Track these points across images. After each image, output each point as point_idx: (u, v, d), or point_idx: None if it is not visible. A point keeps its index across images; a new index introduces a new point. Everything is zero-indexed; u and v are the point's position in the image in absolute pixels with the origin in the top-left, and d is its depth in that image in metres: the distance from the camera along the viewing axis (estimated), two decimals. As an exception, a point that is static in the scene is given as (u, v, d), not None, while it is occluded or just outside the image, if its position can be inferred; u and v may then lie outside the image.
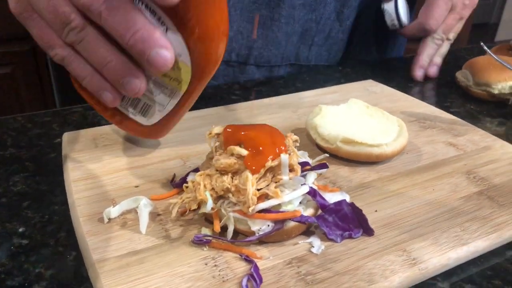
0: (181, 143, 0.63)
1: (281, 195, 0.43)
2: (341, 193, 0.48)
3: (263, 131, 0.46)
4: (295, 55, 0.96)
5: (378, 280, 0.41)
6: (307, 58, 0.98)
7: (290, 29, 0.91)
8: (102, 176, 0.55)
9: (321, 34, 0.96)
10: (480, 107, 0.83)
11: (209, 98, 0.83)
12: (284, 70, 0.97)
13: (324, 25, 0.95)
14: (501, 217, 0.50)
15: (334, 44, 0.99)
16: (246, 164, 0.43)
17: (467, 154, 0.63)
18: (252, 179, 0.43)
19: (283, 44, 0.92)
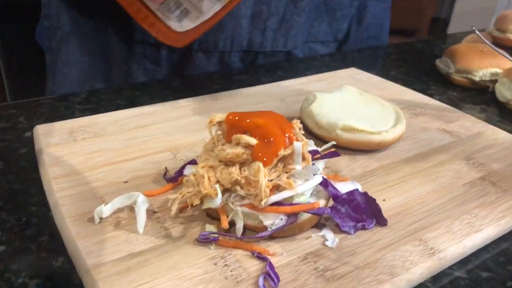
0: (168, 134, 0.59)
1: (295, 186, 0.40)
2: (352, 182, 0.46)
3: (270, 118, 0.43)
4: (248, 41, 0.90)
5: (399, 272, 0.39)
6: (261, 44, 0.91)
7: (236, 11, 0.84)
8: (86, 172, 0.50)
9: (274, 17, 0.89)
10: (462, 94, 0.83)
11: (191, 88, 0.78)
12: (236, 56, 0.91)
13: (277, 7, 0.88)
14: (507, 203, 0.49)
15: (291, 28, 0.92)
16: (256, 154, 0.40)
17: (462, 140, 0.62)
18: (264, 170, 0.39)
19: (230, 28, 0.86)
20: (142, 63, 0.90)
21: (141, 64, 0.90)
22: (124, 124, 0.60)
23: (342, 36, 1.02)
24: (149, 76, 0.91)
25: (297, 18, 0.91)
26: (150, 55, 0.89)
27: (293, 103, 0.70)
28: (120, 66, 0.91)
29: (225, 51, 0.89)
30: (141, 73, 0.90)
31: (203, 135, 0.59)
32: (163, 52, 0.89)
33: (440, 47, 1.10)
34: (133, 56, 0.89)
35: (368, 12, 1.02)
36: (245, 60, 0.93)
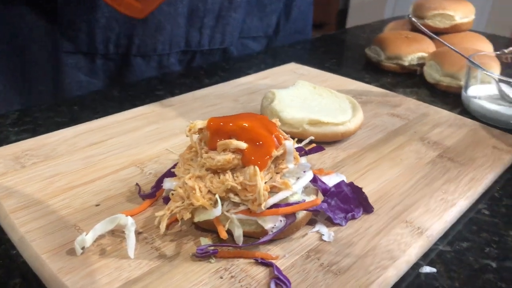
0: (127, 148, 0.55)
1: (291, 186, 0.39)
2: (337, 175, 0.46)
3: (254, 120, 0.41)
4: (185, 40, 0.88)
5: (398, 255, 0.40)
6: (199, 43, 0.90)
7: (173, 10, 0.83)
8: (48, 200, 0.45)
9: (211, 14, 0.88)
10: (394, 80, 0.88)
11: (134, 97, 0.74)
12: (174, 58, 0.89)
13: (213, 3, 0.87)
14: (468, 175, 0.53)
15: (227, 24, 0.92)
16: (249, 157, 0.39)
17: (411, 122, 0.66)
18: (260, 173, 0.38)
19: (168, 29, 0.84)
20: (74, 76, 0.83)
21: (73, 77, 0.83)
22: (75, 143, 0.55)
23: (271, 31, 1.04)
24: (84, 89, 0.84)
25: (233, 14, 0.90)
26: (84, 66, 0.83)
27: (247, 102, 0.69)
28: (46, 82, 0.83)
29: (163, 54, 0.86)
30: (75, 86, 0.84)
31: (165, 145, 0.56)
32: (98, 61, 0.83)
33: (362, 37, 1.16)
34: (63, 69, 0.82)
35: (295, 6, 1.04)
36: (183, 61, 0.90)
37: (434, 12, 0.92)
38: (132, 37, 0.82)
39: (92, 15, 0.78)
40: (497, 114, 0.69)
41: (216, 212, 0.38)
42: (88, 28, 0.79)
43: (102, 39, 0.81)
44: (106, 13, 0.78)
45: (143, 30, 0.82)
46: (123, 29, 0.81)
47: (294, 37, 1.09)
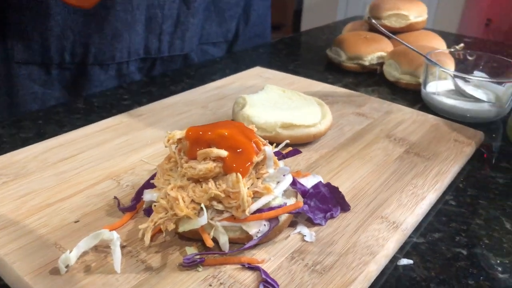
0: (100, 161, 0.54)
1: (273, 190, 0.40)
2: (314, 176, 0.48)
3: (232, 127, 0.42)
4: (144, 47, 0.87)
5: (377, 250, 0.42)
6: (158, 50, 0.89)
7: (131, 17, 0.81)
8: (24, 220, 0.44)
9: (169, 20, 0.87)
10: (355, 79, 0.91)
11: (100, 108, 0.73)
12: (134, 66, 0.88)
13: (170, 9, 0.86)
14: (434, 169, 0.56)
15: (186, 30, 0.91)
16: (230, 165, 0.39)
17: (377, 120, 0.68)
18: (243, 180, 0.39)
19: (126, 36, 0.83)
20: (28, 87, 0.81)
21: (27, 89, 0.81)
22: (46, 159, 0.54)
23: (231, 36, 1.04)
24: (40, 101, 0.82)
25: (191, 19, 0.90)
26: (38, 76, 0.80)
27: (217, 108, 0.69)
28: None
29: (122, 62, 0.84)
30: (29, 98, 0.81)
31: (139, 156, 0.56)
32: (54, 72, 0.81)
33: (321, 38, 1.19)
34: (16, 81, 0.80)
35: (253, 10, 1.05)
36: (143, 69, 0.89)
37: (390, 12, 0.96)
38: (88, 46, 0.80)
39: (45, 24, 0.75)
40: (454, 108, 0.72)
41: (202, 221, 0.38)
42: (41, 38, 0.76)
43: (57, 49, 0.78)
44: (60, 22, 0.76)
45: (99, 38, 0.80)
46: (78, 37, 0.79)
47: (254, 41, 1.10)
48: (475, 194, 0.55)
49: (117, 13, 0.79)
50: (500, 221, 0.50)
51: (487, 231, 0.49)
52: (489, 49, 1.14)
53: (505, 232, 0.49)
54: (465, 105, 0.72)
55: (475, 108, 0.72)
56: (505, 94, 0.71)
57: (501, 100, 0.72)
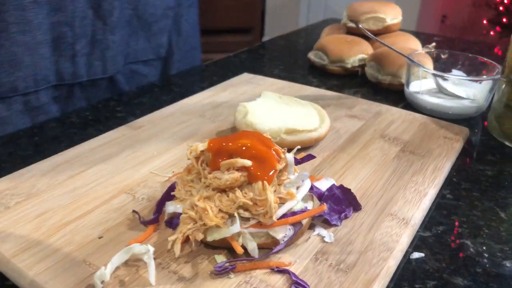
0: (111, 176, 0.55)
1: (296, 196, 0.42)
2: (326, 179, 0.50)
3: (252, 137, 0.44)
4: (55, 72, 0.75)
5: (393, 246, 0.45)
6: (74, 74, 0.78)
7: (31, 39, 0.69)
8: (47, 240, 0.44)
9: (83, 39, 0.76)
10: (339, 81, 0.94)
11: (95, 122, 0.72)
12: (46, 96, 0.75)
13: (82, 26, 0.75)
14: (431, 165, 0.59)
15: (106, 49, 0.80)
16: (255, 174, 0.41)
17: (369, 121, 0.71)
18: (269, 187, 0.40)
19: (27, 61, 0.70)
20: None
21: None
22: (54, 176, 0.54)
23: (164, 52, 0.95)
24: None
25: (110, 36, 0.80)
26: None
27: (214, 116, 0.71)
28: None
29: (29, 92, 0.73)
30: None
31: (148, 168, 0.57)
32: None
33: (299, 42, 1.22)
34: None
35: (185, 20, 0.96)
36: (59, 98, 0.78)
37: (367, 15, 0.99)
38: None
39: None
40: (438, 106, 0.77)
41: (234, 229, 0.40)
42: None
43: None
44: None
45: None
46: None
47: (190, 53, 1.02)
48: (469, 187, 0.59)
49: (12, 36, 0.68)
50: (495, 211, 0.54)
51: (485, 221, 0.53)
52: (459, 47, 1.20)
53: (501, 221, 0.53)
54: (447, 102, 0.77)
55: (456, 105, 0.76)
56: (483, 91, 0.76)
57: (479, 96, 0.77)
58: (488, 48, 1.21)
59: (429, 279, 0.44)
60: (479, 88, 0.77)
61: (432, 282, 0.44)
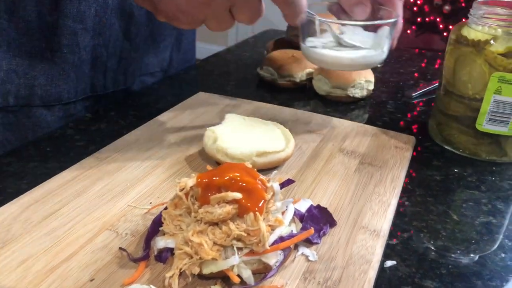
0: (88, 212, 0.54)
1: (284, 221, 0.45)
2: (304, 200, 0.53)
3: (237, 170, 0.46)
4: (91, 86, 0.88)
5: (370, 257, 0.49)
6: (104, 87, 0.90)
7: (77, 58, 0.82)
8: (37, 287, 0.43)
9: (113, 58, 0.89)
10: (289, 95, 0.98)
11: (54, 153, 0.70)
12: (81, 105, 0.87)
13: (114, 47, 0.89)
14: (388, 176, 0.65)
15: (129, 65, 0.94)
16: (245, 206, 0.43)
17: (326, 136, 0.76)
18: (261, 217, 0.43)
19: (72, 76, 0.83)
20: None
21: None
22: (28, 219, 0.52)
23: (166, 64, 1.07)
24: None
25: (133, 54, 0.92)
26: None
27: (180, 141, 0.72)
28: None
29: (70, 102, 0.84)
30: None
31: (125, 201, 0.57)
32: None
33: (245, 55, 1.25)
34: None
35: (185, 38, 1.09)
36: (88, 106, 0.88)
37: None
38: (33, 88, 0.78)
39: None
40: (336, 59, 0.73)
41: (233, 261, 0.42)
42: None
43: (1, 93, 0.76)
44: (4, 66, 0.74)
45: (45, 80, 0.79)
46: (23, 80, 0.77)
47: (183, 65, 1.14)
48: (423, 193, 0.65)
49: (64, 55, 0.79)
50: (448, 214, 0.61)
51: (441, 224, 0.59)
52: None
53: (455, 223, 0.59)
54: (347, 54, 0.73)
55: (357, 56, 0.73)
56: (381, 38, 0.73)
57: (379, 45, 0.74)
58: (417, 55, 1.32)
59: (403, 284, 0.49)
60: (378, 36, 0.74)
61: (407, 288, 0.48)
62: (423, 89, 1.00)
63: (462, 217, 0.60)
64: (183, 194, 0.45)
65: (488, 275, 0.51)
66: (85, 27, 0.81)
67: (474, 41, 0.69)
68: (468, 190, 0.66)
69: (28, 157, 0.69)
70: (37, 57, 0.77)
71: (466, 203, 0.63)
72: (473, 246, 0.55)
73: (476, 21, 0.70)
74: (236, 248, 0.44)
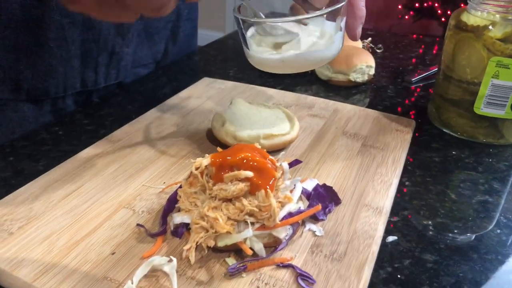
0: (105, 191, 0.57)
1: (293, 199, 0.48)
2: (311, 180, 0.56)
3: (248, 150, 0.48)
4: (81, 81, 0.86)
5: (373, 233, 0.52)
6: (95, 82, 0.89)
7: (65, 53, 0.80)
8: (62, 260, 0.46)
9: (104, 52, 0.87)
10: (292, 80, 1.00)
11: (67, 137, 0.73)
12: (70, 100, 0.86)
13: (105, 42, 0.86)
14: (390, 157, 0.68)
15: (121, 60, 0.92)
16: (257, 183, 0.46)
17: (329, 119, 0.78)
18: (271, 194, 0.46)
19: (61, 71, 0.81)
20: None
21: None
22: (48, 198, 0.55)
23: (160, 56, 1.06)
24: None
25: (126, 49, 0.91)
26: None
27: (188, 124, 0.74)
28: None
29: (58, 97, 0.83)
30: None
31: (139, 181, 0.60)
32: None
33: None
34: None
35: (181, 32, 1.08)
36: (79, 101, 0.88)
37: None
38: (19, 82, 0.77)
39: None
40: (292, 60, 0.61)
41: (247, 234, 0.45)
42: None
43: None
44: None
45: (32, 74, 0.78)
46: (7, 74, 0.76)
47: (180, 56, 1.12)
48: (422, 174, 0.68)
49: (50, 49, 0.78)
50: (447, 193, 0.64)
51: (440, 203, 0.62)
52: (390, 41, 1.31)
53: (452, 201, 0.62)
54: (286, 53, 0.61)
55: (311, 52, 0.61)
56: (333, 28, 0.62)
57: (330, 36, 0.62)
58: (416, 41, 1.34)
59: (404, 258, 0.52)
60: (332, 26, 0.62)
61: (408, 260, 0.51)
62: (422, 74, 1.03)
63: (460, 196, 0.63)
64: (198, 173, 0.48)
65: (484, 249, 0.54)
66: (72, 21, 0.78)
67: (473, 27, 0.71)
68: (465, 171, 0.69)
69: (42, 141, 0.72)
70: (22, 51, 0.76)
71: (464, 183, 0.66)
72: (470, 223, 0.58)
73: (475, 7, 0.72)
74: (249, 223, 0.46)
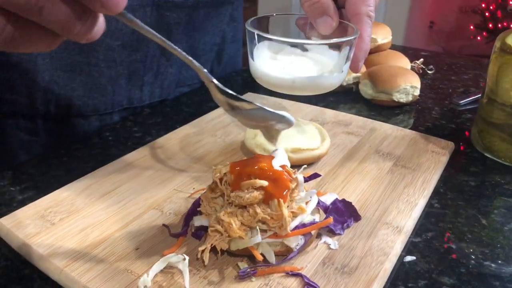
0: (140, 193, 0.62)
1: (306, 210, 0.50)
2: (330, 194, 0.57)
3: (266, 160, 0.51)
4: (127, 98, 0.91)
5: (388, 250, 0.52)
6: (140, 99, 0.95)
7: (114, 72, 0.86)
8: (92, 251, 0.51)
9: (150, 72, 0.93)
10: (335, 98, 1.02)
11: (114, 142, 0.79)
12: (117, 116, 0.92)
13: (151, 63, 0.92)
14: (420, 178, 0.67)
15: (165, 79, 0.98)
16: (271, 192, 0.48)
17: (364, 138, 0.79)
18: (284, 204, 0.48)
19: (109, 89, 0.87)
20: (15, 135, 0.84)
21: (14, 137, 0.85)
22: (89, 195, 0.61)
23: None
24: (25, 146, 0.86)
25: (170, 69, 0.97)
26: (24, 126, 0.84)
27: (225, 135, 0.78)
28: None
29: (105, 113, 0.90)
30: (16, 146, 0.85)
31: (172, 186, 0.64)
32: (39, 121, 0.85)
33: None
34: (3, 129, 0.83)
35: (226, 54, 1.12)
36: (125, 117, 0.94)
37: (360, 36, 1.07)
38: (72, 99, 0.84)
39: (32, 79, 0.80)
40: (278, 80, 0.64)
41: (256, 240, 0.47)
42: (27, 91, 0.81)
43: (43, 102, 0.82)
44: (46, 77, 0.80)
45: (83, 92, 0.85)
46: (63, 91, 0.83)
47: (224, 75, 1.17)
48: (454, 197, 0.67)
49: (101, 69, 0.84)
50: (477, 218, 0.62)
51: (468, 227, 0.60)
52: (446, 61, 1.28)
53: (482, 227, 0.60)
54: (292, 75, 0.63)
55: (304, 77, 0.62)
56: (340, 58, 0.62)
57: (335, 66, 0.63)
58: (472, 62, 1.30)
59: (420, 279, 0.52)
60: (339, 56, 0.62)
61: (423, 282, 0.51)
62: (471, 97, 1.00)
63: (492, 223, 0.61)
64: (218, 179, 0.51)
65: (508, 278, 0.52)
66: (122, 44, 0.84)
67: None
68: (502, 197, 0.67)
69: (93, 145, 0.79)
70: (76, 71, 0.82)
71: (498, 209, 0.64)
72: (497, 250, 0.56)
73: (520, 30, 0.70)
74: (260, 230, 0.49)
